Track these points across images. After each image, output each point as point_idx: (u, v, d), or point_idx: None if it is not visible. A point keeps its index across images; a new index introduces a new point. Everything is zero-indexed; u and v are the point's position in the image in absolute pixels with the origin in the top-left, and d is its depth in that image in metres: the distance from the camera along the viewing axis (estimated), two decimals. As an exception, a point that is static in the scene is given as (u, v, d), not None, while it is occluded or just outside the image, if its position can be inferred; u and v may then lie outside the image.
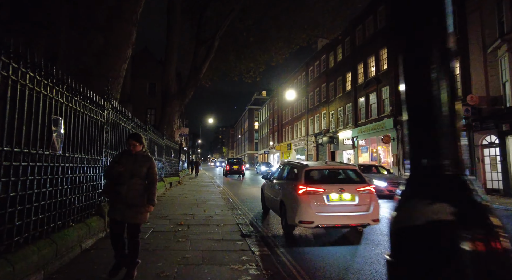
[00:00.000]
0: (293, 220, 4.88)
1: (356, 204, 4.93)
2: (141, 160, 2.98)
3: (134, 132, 3.50)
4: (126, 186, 2.85)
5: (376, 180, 10.41)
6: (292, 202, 5.03)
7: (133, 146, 2.96)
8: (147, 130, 8.28)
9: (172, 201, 8.43)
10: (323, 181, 5.40)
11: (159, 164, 10.66)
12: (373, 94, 19.97)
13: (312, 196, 4.87)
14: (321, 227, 4.99)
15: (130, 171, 2.88)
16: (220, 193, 10.90)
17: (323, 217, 4.79)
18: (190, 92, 16.59)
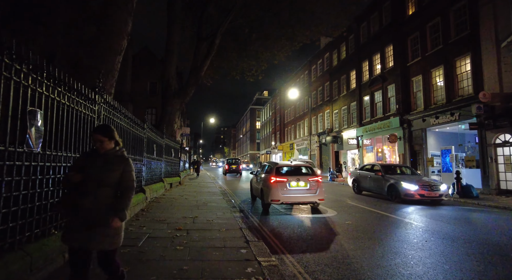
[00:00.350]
0: (268, 200, 7.32)
1: (307, 189, 7.38)
2: (112, 162, 2.23)
3: (101, 125, 2.97)
4: (91, 198, 2.11)
5: (406, 182, 9.33)
6: (267, 188, 7.41)
7: (100, 143, 2.21)
8: (145, 128, 7.86)
9: (171, 202, 8.00)
10: (287, 174, 7.82)
11: (159, 164, 10.25)
12: (378, 92, 19.48)
13: (279, 183, 7.32)
14: (285, 204, 7.91)
15: (97, 177, 2.15)
16: (222, 194, 10.47)
17: (286, 197, 7.28)
18: (191, 91, 16.18)
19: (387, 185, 9.95)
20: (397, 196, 9.44)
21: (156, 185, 9.31)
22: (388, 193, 9.92)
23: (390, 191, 9.80)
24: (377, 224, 6.14)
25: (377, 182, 10.61)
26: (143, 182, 7.67)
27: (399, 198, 9.36)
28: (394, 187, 9.61)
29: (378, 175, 10.56)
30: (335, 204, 8.89)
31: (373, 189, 10.98)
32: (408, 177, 10.01)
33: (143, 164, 7.64)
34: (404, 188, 9.25)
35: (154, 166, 9.43)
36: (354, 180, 12.37)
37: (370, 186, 11.15)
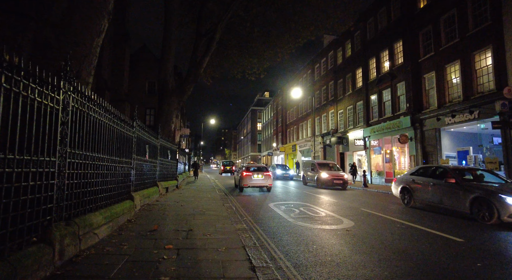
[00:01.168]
0: (241, 185, 12.96)
1: (263, 179, 12.91)
2: None
3: None
4: None
5: (509, 196, 6.30)
6: (241, 178, 13.02)
7: None
8: (134, 127, 6.93)
9: (164, 211, 7.06)
10: (252, 171, 13.31)
11: (153, 166, 9.32)
12: (386, 91, 18.54)
13: (247, 176, 12.84)
14: (250, 187, 13.22)
15: None
16: (222, 199, 9.53)
17: (251, 183, 12.82)
18: (190, 88, 15.27)
19: (469, 198, 6.99)
20: (491, 216, 6.44)
21: (149, 190, 8.37)
22: (472, 210, 6.96)
23: (478, 208, 6.82)
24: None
25: (449, 193, 7.61)
26: (132, 187, 6.73)
27: (496, 219, 6.35)
28: (485, 202, 6.61)
29: (450, 182, 7.61)
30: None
31: (439, 201, 7.92)
32: (505, 187, 6.95)
33: (131, 167, 6.70)
34: (509, 204, 6.21)
35: (147, 169, 8.49)
36: (404, 189, 9.19)
37: (435, 198, 8.05)
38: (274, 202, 9.87)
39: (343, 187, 15.51)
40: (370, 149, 20.02)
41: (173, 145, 12.99)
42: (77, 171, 3.90)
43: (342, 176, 15.69)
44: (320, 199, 11.04)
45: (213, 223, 5.75)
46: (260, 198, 11.13)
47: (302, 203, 9.84)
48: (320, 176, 15.70)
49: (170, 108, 14.50)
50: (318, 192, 13.68)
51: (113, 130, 5.42)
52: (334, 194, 13.03)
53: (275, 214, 7.61)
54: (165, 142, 11.40)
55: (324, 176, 15.56)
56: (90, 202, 4.28)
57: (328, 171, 16.10)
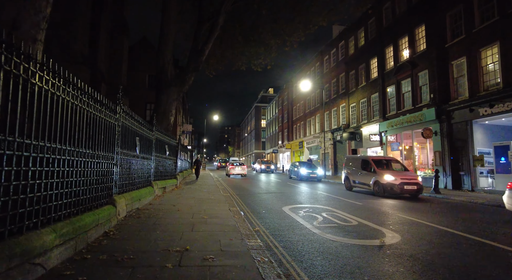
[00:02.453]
0: (228, 174, 24.95)
1: (241, 169, 24.39)
2: None
3: None
4: None
5: None
6: (228, 169, 24.83)
7: None
8: (118, 113, 5.50)
9: (156, 217, 5.65)
10: (235, 165, 24.75)
11: (146, 163, 7.92)
12: (406, 81, 16.92)
13: (231, 168, 24.48)
14: (233, 175, 24.81)
15: None
16: (228, 202, 8.11)
17: (233, 173, 24.36)
18: (190, 78, 13.84)
19: None
20: None
21: (141, 192, 6.97)
22: None
23: None
24: None
25: None
26: (115, 189, 5.32)
27: None
28: None
29: None
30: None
31: None
32: None
33: (114, 163, 5.29)
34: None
35: (138, 166, 7.09)
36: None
37: None
38: (289, 206, 8.42)
39: (416, 195, 10.77)
40: (387, 145, 18.45)
41: (171, 139, 11.59)
42: (8, 168, 2.50)
43: (416, 178, 10.83)
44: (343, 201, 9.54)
45: (217, 237, 4.32)
46: (273, 201, 9.69)
47: (323, 206, 8.38)
48: (383, 179, 10.70)
49: (168, 99, 13.09)
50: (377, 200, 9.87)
51: (83, 113, 4.00)
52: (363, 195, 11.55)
53: (293, 221, 6.16)
54: (162, 136, 10.00)
55: (389, 179, 10.60)
56: (34, 214, 2.87)
57: (393, 172, 11.08)
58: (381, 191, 10.70)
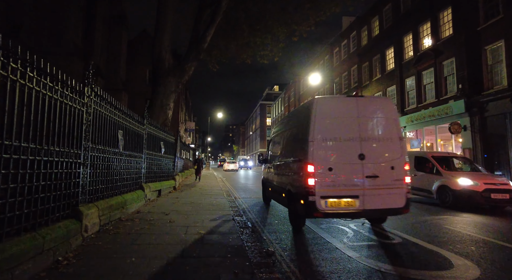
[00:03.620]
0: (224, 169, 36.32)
1: (234, 166, 35.93)
2: None
3: None
4: None
5: None
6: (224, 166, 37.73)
7: None
8: (87, 95, 4.16)
9: (139, 233, 4.31)
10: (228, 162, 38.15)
11: (134, 162, 6.60)
12: (428, 71, 15.34)
13: (226, 165, 36.79)
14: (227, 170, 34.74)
15: None
16: (232, 208, 6.75)
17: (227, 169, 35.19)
18: (191, 68, 12.49)
19: None
20: None
21: (125, 197, 5.65)
22: None
23: None
24: None
25: None
26: (82, 196, 4.00)
27: None
28: None
29: None
30: None
31: None
32: None
33: (80, 162, 3.97)
34: None
35: (122, 165, 5.77)
36: None
37: None
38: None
39: (505, 206, 7.73)
40: (407, 142, 16.89)
41: (168, 135, 10.27)
42: None
43: (508, 183, 7.73)
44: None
45: (216, 269, 2.94)
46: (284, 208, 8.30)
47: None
48: (456, 184, 7.66)
49: (166, 91, 11.76)
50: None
51: (19, 90, 2.67)
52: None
53: (316, 237, 4.77)
54: (156, 130, 8.68)
55: (466, 184, 7.54)
56: None
57: (470, 174, 8.07)
58: (452, 200, 7.59)
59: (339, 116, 4.90)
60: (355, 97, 5.04)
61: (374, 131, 4.91)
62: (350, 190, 4.62)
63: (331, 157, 4.75)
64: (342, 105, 5.05)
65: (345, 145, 4.76)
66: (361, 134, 4.79)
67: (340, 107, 5.02)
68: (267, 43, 16.91)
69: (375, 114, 5.00)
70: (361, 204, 4.57)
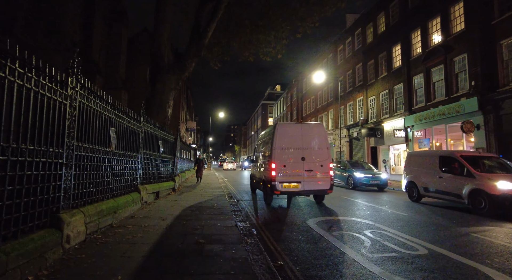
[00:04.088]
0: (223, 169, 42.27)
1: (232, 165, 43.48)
2: None
3: None
4: None
5: None
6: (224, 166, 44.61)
7: None
8: (70, 86, 3.66)
9: (131, 242, 3.81)
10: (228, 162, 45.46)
11: (129, 162, 6.11)
12: (438, 68, 14.77)
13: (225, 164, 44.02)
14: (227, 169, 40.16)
15: None
16: (234, 212, 6.25)
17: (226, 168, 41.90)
18: (191, 64, 12.01)
19: None
20: None
21: (118, 201, 5.16)
22: None
23: None
24: None
25: None
26: (65, 201, 3.51)
27: None
28: None
29: None
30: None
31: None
32: None
33: (63, 163, 3.47)
34: None
35: (114, 166, 5.28)
36: None
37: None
38: (314, 218, 6.51)
39: None
40: (414, 142, 16.33)
41: (167, 134, 9.77)
42: None
43: None
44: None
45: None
46: (291, 210, 7.78)
47: (362, 220, 6.45)
48: (493, 187, 6.85)
49: (165, 88, 11.28)
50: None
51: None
52: (371, 196, 9.54)
53: (330, 247, 4.25)
54: (154, 129, 8.18)
55: (506, 188, 6.73)
56: None
57: (510, 178, 7.02)
58: (488, 206, 6.82)
59: (291, 135, 7.96)
60: (300, 123, 8.30)
61: (311, 144, 7.93)
62: (296, 178, 7.71)
63: (285, 158, 7.81)
64: (293, 128, 8.15)
65: (294, 151, 7.85)
66: (303, 145, 7.86)
67: (292, 129, 8.08)
68: (270, 40, 16.39)
69: (312, 133, 8.04)
70: (302, 186, 7.71)
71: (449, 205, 8.59)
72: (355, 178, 12.64)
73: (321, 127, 8.41)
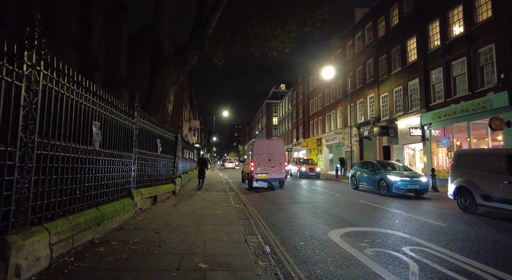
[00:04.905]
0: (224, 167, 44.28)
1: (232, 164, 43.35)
2: None
3: None
4: None
5: None
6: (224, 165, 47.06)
7: None
8: (32, 65, 2.76)
9: (109, 270, 2.88)
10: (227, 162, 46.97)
11: (117, 163, 5.21)
12: (459, 61, 13.65)
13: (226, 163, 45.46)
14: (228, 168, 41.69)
15: None
16: (242, 222, 5.31)
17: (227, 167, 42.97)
18: (193, 56, 11.11)
19: None
20: None
21: (102, 210, 4.27)
22: None
23: None
24: None
25: None
26: (18, 217, 2.61)
27: None
28: None
29: None
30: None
31: None
32: None
33: (14, 165, 2.56)
34: None
35: (100, 167, 4.39)
36: None
37: None
38: (336, 229, 5.54)
39: None
40: (432, 141, 15.21)
41: (166, 131, 8.86)
42: None
43: None
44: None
45: None
46: (306, 216, 6.83)
47: (397, 233, 5.46)
48: None
49: (165, 82, 10.38)
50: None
51: None
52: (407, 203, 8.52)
53: (364, 271, 3.28)
54: (151, 126, 7.28)
55: None
56: None
57: None
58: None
59: (262, 146, 12.70)
60: (268, 139, 13.68)
61: (274, 151, 12.63)
62: (265, 171, 12.36)
63: (259, 159, 12.45)
64: (264, 142, 13.06)
65: (264, 155, 12.42)
66: (269, 152, 12.45)
67: (263, 142, 12.99)
68: (277, 34, 15.43)
69: (274, 145, 12.87)
70: (269, 176, 12.38)
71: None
72: (389, 181, 10.58)
73: (280, 141, 13.93)
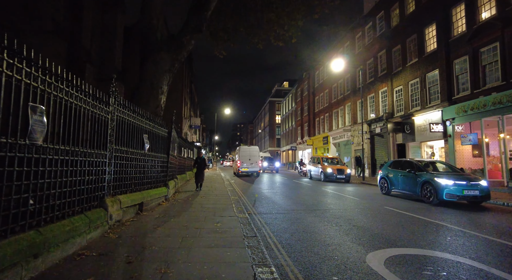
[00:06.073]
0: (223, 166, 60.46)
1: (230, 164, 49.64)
2: None
3: None
4: None
5: None
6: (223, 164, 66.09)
7: None
8: None
9: None
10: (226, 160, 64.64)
11: (83, 164, 3.89)
12: (489, 47, 12.20)
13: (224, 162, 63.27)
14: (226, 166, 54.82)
15: None
16: (249, 242, 3.97)
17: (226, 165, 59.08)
18: (190, 41, 9.78)
19: None
20: None
21: (47, 231, 2.94)
22: None
23: None
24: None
25: None
26: None
27: None
28: None
29: None
30: None
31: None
32: None
33: None
34: None
35: (47, 171, 3.06)
36: None
37: None
38: (376, 251, 4.17)
39: None
40: (456, 137, 13.76)
41: (157, 125, 7.50)
42: None
43: None
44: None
45: None
46: (336, 236, 5.47)
47: (468, 262, 4.09)
48: None
49: (157, 69, 9.05)
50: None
51: None
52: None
53: None
54: (135, 117, 5.94)
55: None
56: None
57: None
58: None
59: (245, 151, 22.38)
60: (249, 146, 23.94)
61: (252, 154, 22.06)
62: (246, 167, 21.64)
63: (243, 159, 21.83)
64: (246, 148, 22.80)
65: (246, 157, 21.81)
66: (250, 155, 21.88)
67: (246, 148, 22.77)
68: (282, 23, 14.06)
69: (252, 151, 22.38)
70: (249, 169, 21.57)
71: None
72: (438, 186, 8.17)
73: (257, 148, 22.59)
